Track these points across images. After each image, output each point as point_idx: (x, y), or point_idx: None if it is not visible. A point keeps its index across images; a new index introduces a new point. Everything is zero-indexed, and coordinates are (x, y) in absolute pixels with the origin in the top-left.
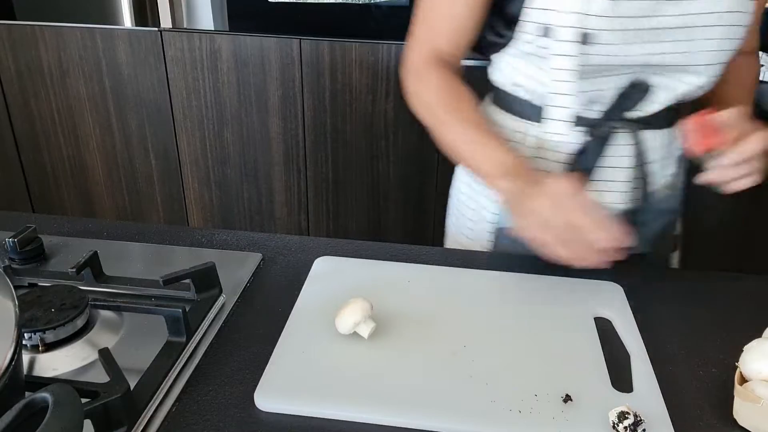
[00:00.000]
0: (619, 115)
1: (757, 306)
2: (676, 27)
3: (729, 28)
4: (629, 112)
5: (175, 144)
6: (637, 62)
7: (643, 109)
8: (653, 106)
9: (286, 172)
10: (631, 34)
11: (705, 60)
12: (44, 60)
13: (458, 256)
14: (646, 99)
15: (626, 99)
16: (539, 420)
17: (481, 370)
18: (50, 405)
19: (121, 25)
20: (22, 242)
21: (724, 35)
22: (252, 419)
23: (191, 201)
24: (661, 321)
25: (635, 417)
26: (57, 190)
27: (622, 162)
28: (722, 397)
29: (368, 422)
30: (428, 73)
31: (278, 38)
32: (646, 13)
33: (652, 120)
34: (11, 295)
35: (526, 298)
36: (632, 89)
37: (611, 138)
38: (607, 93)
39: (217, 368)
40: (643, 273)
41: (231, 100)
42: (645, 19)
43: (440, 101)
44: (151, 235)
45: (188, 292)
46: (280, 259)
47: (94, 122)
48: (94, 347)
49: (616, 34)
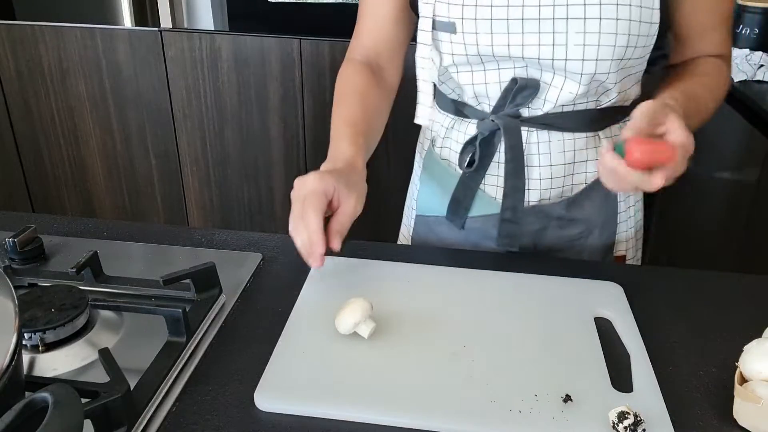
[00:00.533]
0: (509, 111)
1: (757, 306)
2: (546, 18)
3: (614, 21)
4: (520, 108)
5: (175, 144)
6: (510, 54)
7: (534, 107)
8: (547, 104)
9: (286, 172)
10: (498, 24)
11: (584, 56)
12: (44, 60)
13: (458, 256)
14: (533, 96)
15: (512, 95)
16: (539, 420)
17: (481, 370)
18: (50, 405)
19: (121, 25)
20: (22, 242)
21: (607, 29)
22: (252, 419)
23: (191, 201)
24: (661, 321)
25: (635, 417)
26: (57, 190)
27: (500, 157)
28: (722, 397)
29: (368, 422)
30: (344, 67)
31: (278, 38)
32: (508, 3)
33: (552, 120)
34: (11, 295)
35: (526, 298)
36: (515, 85)
37: (500, 133)
38: (493, 87)
39: (217, 368)
40: (643, 273)
41: (231, 100)
42: (510, 9)
43: (337, 93)
44: (151, 235)
45: (188, 292)
46: (280, 259)
47: (94, 122)
48: (94, 347)
49: (481, 24)
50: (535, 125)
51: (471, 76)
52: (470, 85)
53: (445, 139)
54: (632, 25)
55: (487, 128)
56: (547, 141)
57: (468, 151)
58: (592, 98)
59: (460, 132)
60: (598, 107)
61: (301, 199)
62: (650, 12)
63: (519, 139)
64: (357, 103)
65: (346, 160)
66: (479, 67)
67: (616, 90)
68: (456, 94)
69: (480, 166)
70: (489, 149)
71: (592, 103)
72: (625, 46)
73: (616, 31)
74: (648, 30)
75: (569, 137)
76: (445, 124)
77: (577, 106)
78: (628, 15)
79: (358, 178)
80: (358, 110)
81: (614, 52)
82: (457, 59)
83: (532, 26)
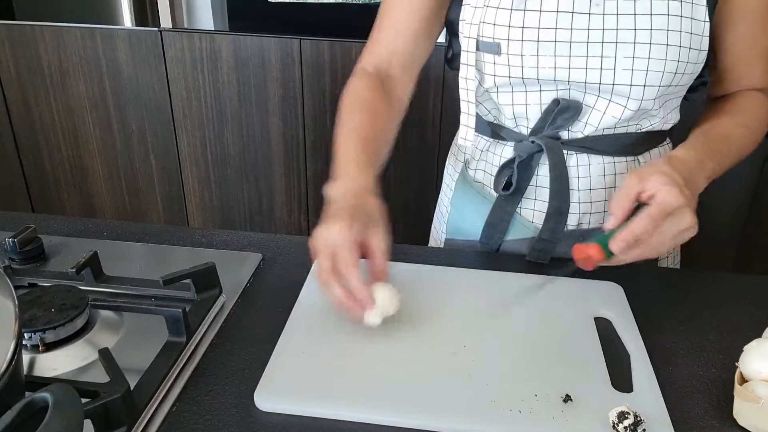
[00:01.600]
0: (548, 133)
1: (757, 306)
2: (594, 42)
3: (664, 47)
4: (559, 131)
5: (175, 144)
6: (556, 77)
7: (575, 130)
8: (588, 128)
9: (286, 172)
10: (545, 47)
11: (632, 80)
12: (44, 60)
13: (458, 256)
14: (575, 119)
15: (552, 116)
16: (539, 420)
17: (481, 370)
18: (50, 405)
19: (121, 25)
20: (22, 242)
21: (656, 55)
22: (252, 419)
23: (191, 201)
24: (661, 321)
25: (635, 417)
26: (57, 190)
27: (543, 182)
28: (722, 397)
29: (368, 422)
30: (354, 79)
31: (278, 38)
32: (556, 25)
33: (591, 143)
34: (11, 295)
35: (526, 298)
36: (556, 106)
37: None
38: (533, 109)
39: (217, 368)
40: (643, 273)
41: (231, 100)
42: (558, 32)
43: (345, 106)
44: (151, 235)
45: (188, 292)
46: (280, 259)
47: (94, 122)
48: (94, 347)
49: (527, 46)
50: (574, 148)
51: (511, 97)
52: (510, 106)
53: (479, 161)
54: (682, 51)
55: (526, 150)
56: (587, 164)
57: (505, 174)
58: (633, 122)
59: (496, 155)
60: (639, 131)
61: (329, 256)
62: (699, 39)
63: (562, 158)
64: (367, 118)
65: (358, 185)
66: (521, 88)
67: (659, 115)
68: (493, 116)
69: (517, 190)
70: (527, 172)
71: (633, 127)
72: (674, 73)
73: (666, 57)
74: (697, 57)
75: (609, 161)
76: (480, 147)
77: (618, 130)
78: (678, 41)
79: (373, 204)
80: (368, 126)
81: (662, 78)
82: (499, 81)
83: (580, 50)
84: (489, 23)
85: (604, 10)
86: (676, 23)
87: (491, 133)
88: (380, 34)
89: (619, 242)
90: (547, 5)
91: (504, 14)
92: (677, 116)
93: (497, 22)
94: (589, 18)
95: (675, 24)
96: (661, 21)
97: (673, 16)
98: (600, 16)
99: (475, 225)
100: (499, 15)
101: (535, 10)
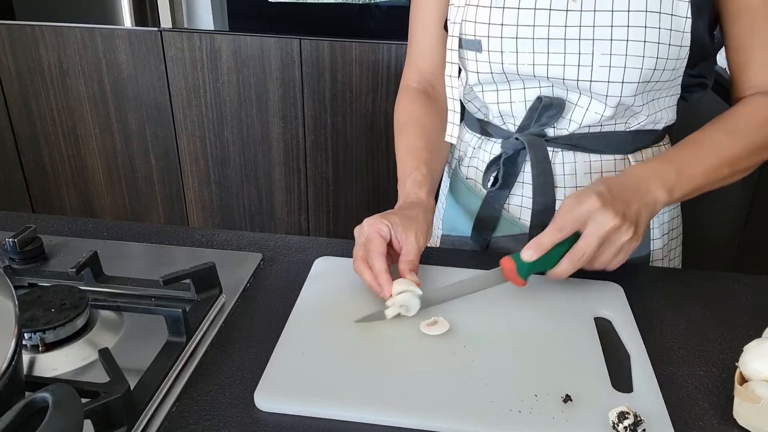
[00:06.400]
0: (534, 130)
1: (757, 306)
2: (571, 39)
3: (641, 44)
4: (545, 128)
5: (175, 144)
6: (535, 73)
7: (560, 127)
8: (572, 125)
9: (286, 172)
10: (523, 43)
11: (610, 77)
12: (44, 60)
13: (458, 256)
14: (559, 116)
15: (537, 114)
16: (539, 420)
17: (481, 370)
18: (50, 405)
19: (121, 25)
20: (22, 242)
21: (633, 52)
22: (252, 419)
23: (191, 201)
24: (661, 321)
25: (635, 417)
26: (57, 190)
27: (529, 178)
28: (722, 397)
29: (368, 422)
30: (401, 96)
31: (278, 38)
32: (534, 22)
33: (578, 141)
34: (11, 295)
35: (526, 298)
36: (540, 103)
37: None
38: (518, 106)
39: (217, 368)
40: (643, 273)
41: (231, 100)
42: (536, 29)
43: (397, 124)
44: (151, 235)
45: (188, 292)
46: (280, 259)
47: (94, 122)
48: (94, 347)
49: (507, 42)
50: (560, 145)
51: (496, 95)
52: (495, 104)
53: (471, 158)
54: (660, 48)
55: (511, 147)
56: (572, 162)
57: (492, 171)
58: (620, 120)
59: (486, 152)
60: (627, 129)
61: (362, 245)
62: (680, 35)
63: (545, 154)
64: (418, 133)
65: (409, 198)
66: (504, 86)
67: (644, 113)
68: (482, 113)
69: (503, 185)
70: (513, 168)
71: (621, 125)
72: (653, 69)
73: (644, 54)
74: (677, 53)
75: (596, 158)
76: (471, 144)
77: (605, 128)
78: (656, 38)
79: (417, 212)
80: (419, 140)
81: (641, 74)
82: (482, 77)
83: (558, 46)
84: (470, 21)
85: (581, 6)
86: (655, 20)
87: (481, 130)
88: (416, 48)
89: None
90: (526, 2)
91: (484, 12)
92: (671, 116)
93: (477, 19)
94: (566, 15)
95: (653, 21)
96: (638, 18)
97: (652, 12)
98: (577, 13)
99: (468, 222)
100: (479, 13)
101: (514, 8)
